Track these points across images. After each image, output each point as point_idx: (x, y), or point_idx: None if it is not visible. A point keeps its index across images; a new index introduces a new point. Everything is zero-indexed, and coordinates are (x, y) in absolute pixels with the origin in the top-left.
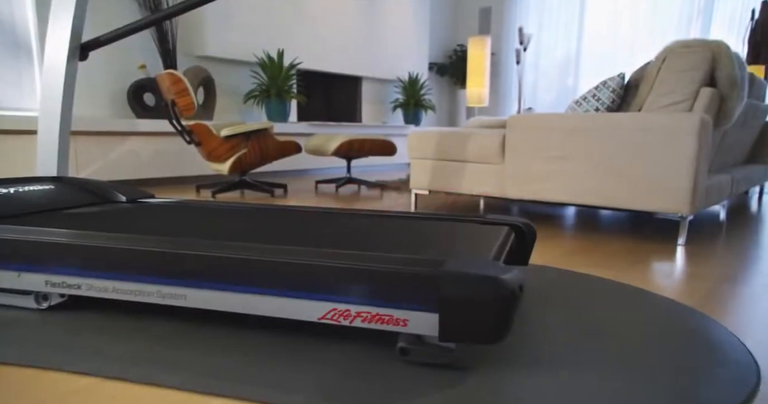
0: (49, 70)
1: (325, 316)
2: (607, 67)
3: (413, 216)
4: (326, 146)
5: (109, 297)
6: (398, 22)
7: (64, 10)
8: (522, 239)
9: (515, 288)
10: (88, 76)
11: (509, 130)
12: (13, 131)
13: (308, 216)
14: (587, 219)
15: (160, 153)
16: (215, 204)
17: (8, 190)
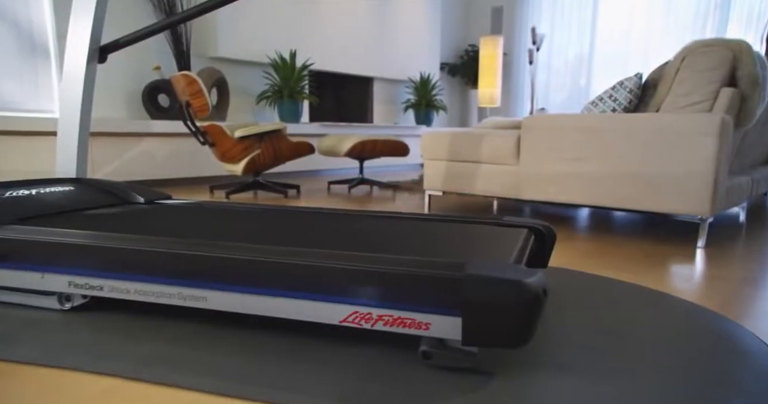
0: (68, 72)
1: (346, 319)
2: (620, 66)
3: (431, 218)
4: (339, 147)
5: (130, 298)
6: (410, 22)
7: (84, 13)
8: (541, 242)
9: (540, 292)
10: (105, 77)
11: (524, 131)
12: (31, 132)
13: (325, 217)
14: (601, 220)
15: (175, 154)
16: (231, 205)
17: (30, 191)
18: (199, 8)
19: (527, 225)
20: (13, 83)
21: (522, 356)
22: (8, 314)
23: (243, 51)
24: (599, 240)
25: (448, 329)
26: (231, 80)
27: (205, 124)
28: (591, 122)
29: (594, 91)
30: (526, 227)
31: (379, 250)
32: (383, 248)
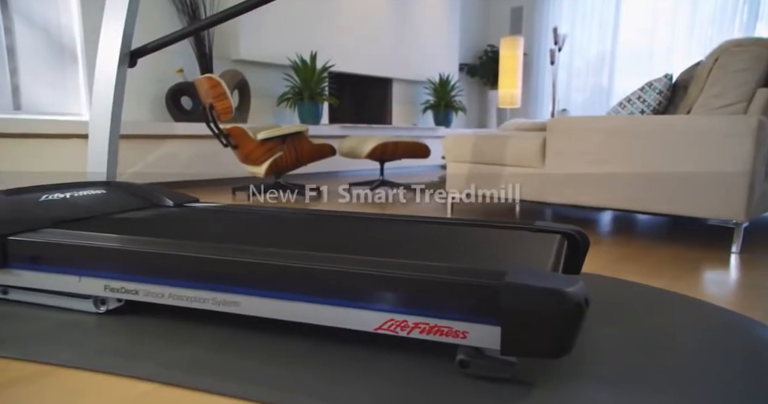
0: (100, 76)
1: (381, 327)
2: (644, 65)
3: (460, 223)
4: (360, 149)
5: (164, 303)
6: (429, 23)
7: (115, 18)
8: (574, 247)
9: (581, 302)
10: (129, 80)
11: (550, 133)
12: (60, 135)
13: (352, 221)
14: (628, 224)
15: (197, 155)
16: (258, 208)
17: (64, 194)
18: (225, 13)
19: (560, 231)
20: (43, 87)
21: (560, 366)
22: (45, 316)
23: (264, 53)
24: (627, 245)
25: (487, 338)
26: (252, 82)
27: (228, 127)
28: (620, 124)
29: (617, 90)
30: (559, 233)
31: (412, 256)
32: (415, 254)
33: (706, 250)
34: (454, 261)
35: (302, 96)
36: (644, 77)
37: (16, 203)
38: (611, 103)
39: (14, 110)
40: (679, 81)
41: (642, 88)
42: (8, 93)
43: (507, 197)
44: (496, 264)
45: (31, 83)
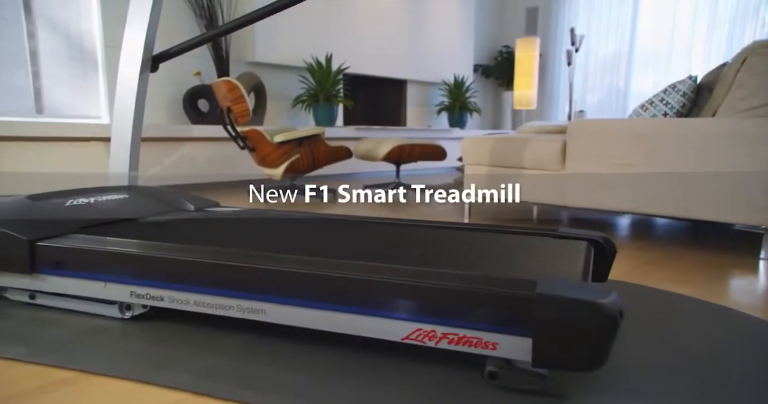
0: (122, 81)
1: (408, 336)
2: (662, 65)
3: (484, 229)
4: (376, 151)
5: (189, 309)
6: (443, 24)
7: (137, 24)
8: (600, 255)
9: (616, 314)
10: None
11: (570, 137)
12: (81, 138)
13: (374, 227)
14: (650, 228)
15: (214, 158)
16: (279, 213)
17: (88, 199)
18: (247, 17)
19: (586, 238)
20: (64, 90)
21: (591, 377)
22: (71, 321)
23: (280, 55)
24: (651, 250)
25: (517, 350)
26: (267, 84)
27: (246, 129)
28: (643, 127)
29: (633, 90)
30: (585, 240)
31: (438, 264)
32: (441, 261)
33: (733, 256)
34: (480, 269)
35: (317, 98)
36: (662, 77)
37: (43, 208)
38: (628, 103)
39: (37, 113)
40: (704, 83)
41: (665, 90)
42: (31, 97)
43: (526, 200)
44: (524, 273)
45: (52, 87)
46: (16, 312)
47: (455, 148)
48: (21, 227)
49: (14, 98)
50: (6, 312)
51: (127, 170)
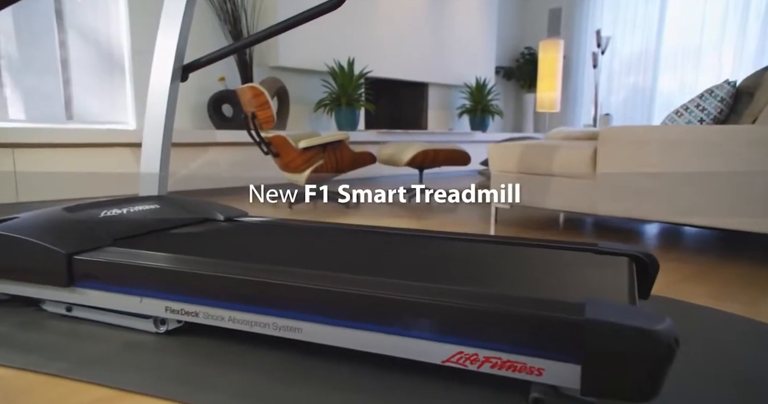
0: (153, 91)
1: (450, 359)
2: (690, 64)
3: (520, 243)
4: (400, 156)
5: (224, 326)
6: (465, 26)
7: (169, 35)
8: (643, 271)
9: (672, 343)
10: None
11: (602, 144)
12: (109, 144)
13: (405, 239)
14: (682, 238)
15: (238, 163)
16: (307, 224)
17: (121, 210)
18: (279, 26)
19: (627, 254)
20: (93, 97)
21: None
22: (107, 335)
23: (302, 59)
24: (690, 262)
25: (564, 376)
26: (290, 88)
27: (270, 135)
28: (679, 134)
29: (660, 90)
30: (626, 255)
31: (475, 281)
32: (478, 279)
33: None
34: (521, 288)
35: (340, 102)
36: (690, 75)
37: (78, 220)
38: (654, 104)
39: (67, 120)
40: (743, 87)
41: (701, 96)
42: (62, 103)
43: (555, 208)
44: (568, 293)
45: (82, 93)
46: (53, 325)
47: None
48: (58, 240)
49: (46, 105)
50: (44, 324)
51: (157, 180)
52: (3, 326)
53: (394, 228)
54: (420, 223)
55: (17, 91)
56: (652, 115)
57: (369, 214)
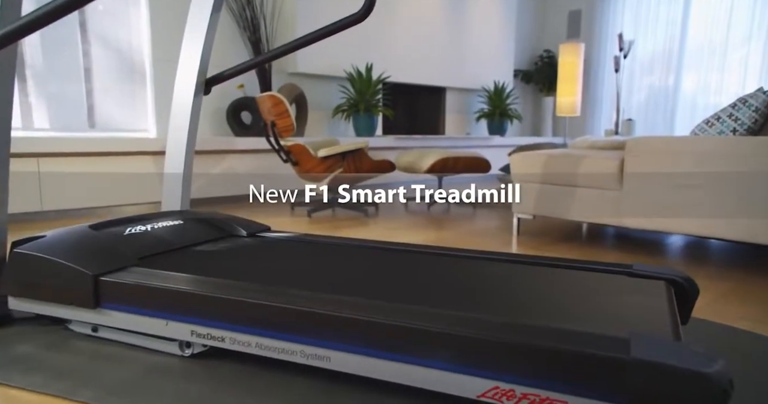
0: (176, 104)
1: (485, 394)
2: (715, 66)
3: (551, 264)
4: (419, 164)
5: (251, 352)
6: (483, 30)
7: (193, 50)
8: (681, 296)
9: (727, 387)
10: None
11: (629, 154)
12: (130, 153)
13: (435, 259)
14: (711, 252)
15: (256, 169)
16: (331, 240)
17: (145, 227)
18: (301, 41)
19: (664, 277)
20: (114, 105)
21: None
22: (131, 357)
23: (320, 65)
24: (723, 280)
25: None
26: (308, 94)
27: (290, 144)
28: (711, 146)
29: (684, 91)
30: (664, 279)
31: (507, 309)
32: (510, 306)
33: None
34: (559, 319)
35: (358, 108)
36: (715, 75)
37: (104, 239)
38: (678, 105)
39: (89, 128)
40: None
41: (733, 105)
42: (84, 112)
43: (579, 219)
44: (608, 324)
45: (104, 101)
46: (78, 346)
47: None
48: (85, 260)
49: (69, 113)
50: (69, 345)
51: (180, 195)
52: (29, 346)
53: (421, 246)
54: (441, 234)
55: (42, 100)
56: (675, 116)
57: (388, 223)
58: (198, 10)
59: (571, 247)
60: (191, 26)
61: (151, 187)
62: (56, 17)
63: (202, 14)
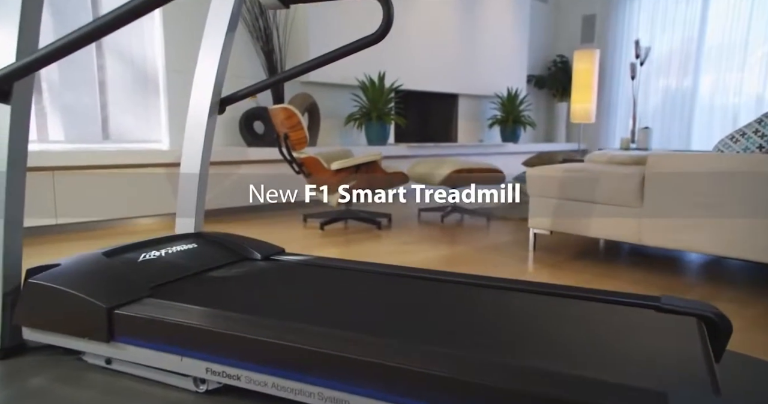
0: (191, 124)
1: None
2: (734, 67)
3: (574, 295)
4: (433, 176)
5: (267, 392)
6: (496, 36)
7: (208, 69)
8: (713, 333)
9: None
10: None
11: (650, 171)
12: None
13: (456, 289)
14: (736, 272)
15: (269, 179)
16: (348, 265)
17: (159, 252)
18: (317, 61)
19: (696, 313)
20: (128, 115)
21: None
22: (144, 392)
23: (332, 74)
24: (751, 305)
25: None
26: (320, 103)
27: (303, 157)
28: (733, 164)
29: (701, 92)
30: (695, 315)
31: (533, 350)
32: (536, 347)
33: None
34: (585, 363)
35: (370, 116)
36: (735, 75)
37: (118, 268)
38: (695, 110)
39: (103, 140)
40: None
41: (759, 121)
42: (99, 124)
43: (597, 236)
44: (640, 371)
45: (118, 112)
46: (93, 378)
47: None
48: (99, 292)
49: (84, 125)
50: (84, 378)
51: (194, 216)
52: (42, 378)
53: (438, 273)
54: (455, 250)
55: (57, 113)
56: (693, 119)
57: (401, 236)
58: (213, 29)
59: (588, 265)
60: (206, 46)
61: (165, 199)
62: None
63: (217, 34)
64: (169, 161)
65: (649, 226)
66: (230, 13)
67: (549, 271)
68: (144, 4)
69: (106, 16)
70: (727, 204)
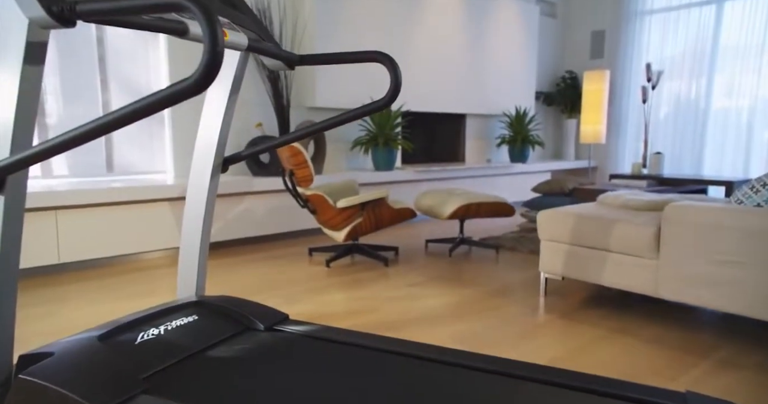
0: (193, 185)
1: None
2: (751, 82)
3: (590, 390)
4: (440, 210)
5: None
6: (504, 54)
7: (210, 130)
8: None
9: None
10: None
11: (667, 223)
12: (148, 200)
13: (462, 373)
14: (756, 331)
15: (274, 210)
16: (353, 338)
17: (158, 329)
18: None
19: None
20: (132, 147)
21: None
22: None
23: (339, 99)
24: None
25: None
26: None
27: (308, 193)
28: (755, 220)
29: (714, 109)
30: None
31: None
32: None
33: None
34: None
35: (377, 141)
36: (751, 91)
37: (111, 357)
38: (708, 127)
39: (107, 172)
40: None
41: None
42: (103, 157)
43: (611, 285)
44: None
45: (123, 145)
46: None
47: (517, 184)
48: (91, 391)
49: (88, 158)
50: None
51: (195, 281)
52: None
53: (449, 353)
54: (464, 294)
55: None
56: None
57: (408, 274)
58: (216, 91)
59: (603, 316)
60: (209, 107)
61: (170, 233)
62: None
63: (220, 95)
64: (174, 196)
65: (666, 279)
66: (233, 76)
67: (562, 324)
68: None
69: (101, 119)
70: (752, 264)
